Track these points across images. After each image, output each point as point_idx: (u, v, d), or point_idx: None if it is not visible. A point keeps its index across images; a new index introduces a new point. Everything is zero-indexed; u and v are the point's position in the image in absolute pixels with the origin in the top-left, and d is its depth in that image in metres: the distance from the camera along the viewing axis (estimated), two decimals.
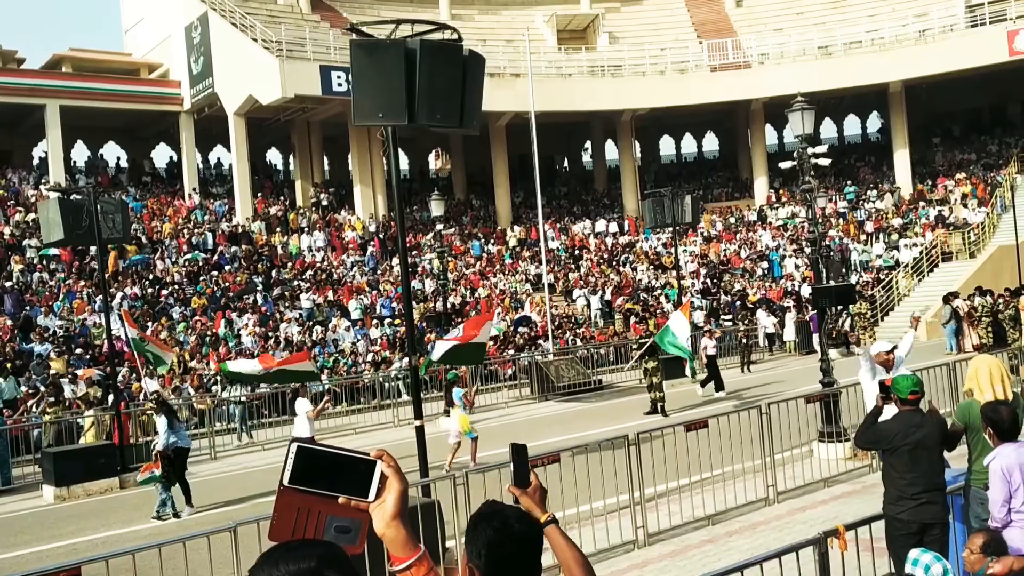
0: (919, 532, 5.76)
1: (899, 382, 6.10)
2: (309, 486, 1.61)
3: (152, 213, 32.12)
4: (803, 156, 14.74)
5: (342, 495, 1.62)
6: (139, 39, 38.94)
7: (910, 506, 5.79)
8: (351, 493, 1.63)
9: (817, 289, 14.30)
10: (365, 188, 35.61)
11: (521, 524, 2.31)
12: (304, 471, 1.61)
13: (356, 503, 1.63)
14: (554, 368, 23.03)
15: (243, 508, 11.95)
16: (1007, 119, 42.53)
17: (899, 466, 5.91)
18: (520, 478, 2.43)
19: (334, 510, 1.62)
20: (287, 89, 31.02)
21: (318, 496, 1.61)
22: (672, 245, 30.00)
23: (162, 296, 26.20)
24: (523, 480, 2.43)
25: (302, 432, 13.66)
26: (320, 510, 1.61)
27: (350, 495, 1.63)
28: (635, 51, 39.59)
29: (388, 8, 41.05)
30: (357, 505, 1.64)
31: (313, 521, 1.61)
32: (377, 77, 7.40)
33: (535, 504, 2.41)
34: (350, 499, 1.63)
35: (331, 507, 1.62)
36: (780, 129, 48.61)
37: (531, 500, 2.41)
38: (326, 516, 1.62)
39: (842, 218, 37.68)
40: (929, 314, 28.87)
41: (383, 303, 28.60)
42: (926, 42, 36.80)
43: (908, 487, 5.79)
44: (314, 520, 1.61)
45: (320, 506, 1.61)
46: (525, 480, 2.43)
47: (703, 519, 9.31)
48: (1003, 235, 31.69)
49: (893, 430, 6.04)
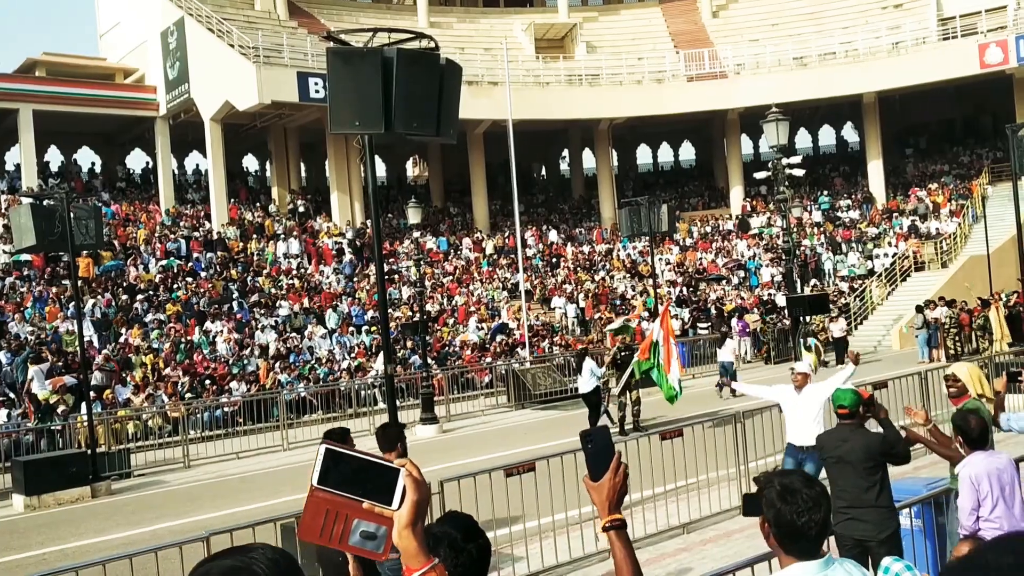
0: (855, 548, 5.70)
1: (835, 396, 6.20)
2: (337, 488, 1.62)
3: (126, 219, 31.87)
4: (778, 166, 14.88)
5: (366, 500, 1.64)
6: (115, 44, 38.66)
7: (840, 520, 5.77)
8: (376, 499, 1.64)
9: (791, 298, 14.40)
10: (342, 195, 35.50)
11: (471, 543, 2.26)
12: (332, 473, 1.63)
13: (380, 510, 1.65)
14: (531, 376, 23.03)
15: (216, 517, 11.84)
16: (979, 130, 43.10)
17: (830, 479, 5.99)
18: (593, 470, 2.20)
19: (361, 515, 1.63)
20: (264, 95, 30.89)
21: (345, 499, 1.63)
22: (649, 253, 30.14)
23: (136, 303, 25.97)
24: (594, 473, 2.20)
25: (586, 387, 16.63)
26: (348, 513, 1.63)
27: (375, 501, 1.64)
28: (612, 60, 39.80)
29: (366, 15, 41.05)
30: (382, 512, 1.65)
31: (340, 524, 1.63)
32: (354, 85, 7.40)
33: (604, 502, 2.21)
34: (374, 505, 1.64)
35: (358, 511, 1.63)
36: (756, 139, 48.97)
37: (601, 496, 2.22)
38: (353, 520, 1.63)
39: (817, 227, 38.04)
40: (903, 323, 29.21)
41: (355, 311, 28.49)
42: (899, 54, 37.27)
43: (836, 500, 5.79)
44: (341, 523, 1.63)
45: (347, 510, 1.63)
46: (596, 473, 2.20)
47: (678, 527, 9.34)
48: (974, 245, 32.10)
49: (823, 443, 6.17)
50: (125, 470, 16.48)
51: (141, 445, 18.56)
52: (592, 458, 2.21)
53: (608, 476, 2.19)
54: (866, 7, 41.19)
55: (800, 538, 2.53)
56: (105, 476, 15.22)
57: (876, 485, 5.84)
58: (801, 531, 2.52)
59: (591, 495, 2.22)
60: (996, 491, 5.35)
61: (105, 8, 39.76)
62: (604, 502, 2.21)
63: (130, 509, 13.61)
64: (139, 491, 15.26)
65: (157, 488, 15.49)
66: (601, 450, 2.21)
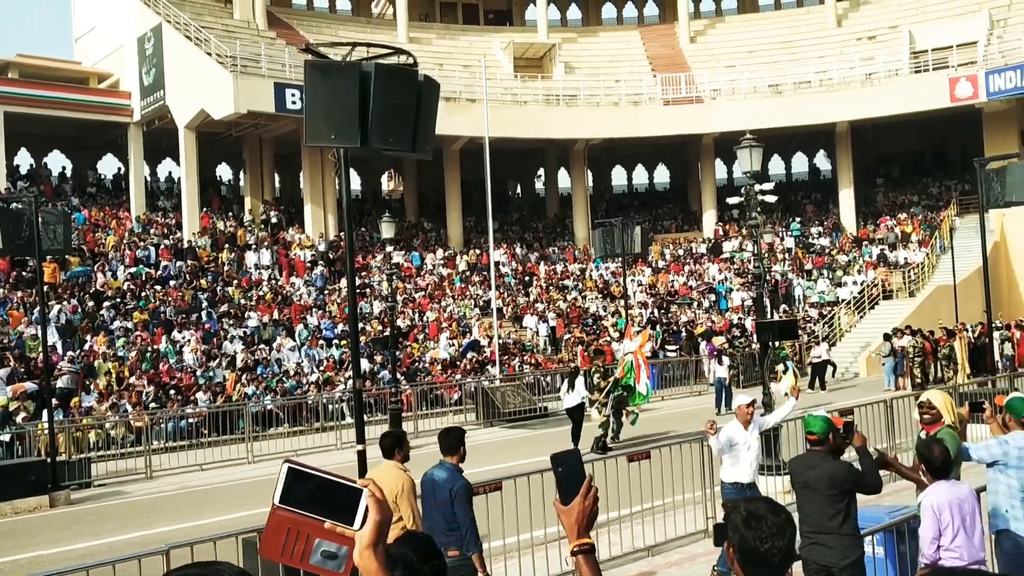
0: (820, 573, 5.74)
1: (806, 422, 6.25)
2: (298, 507, 1.62)
3: (96, 225, 31.52)
4: (750, 192, 15.01)
5: (328, 520, 1.63)
6: (90, 48, 38.36)
7: (804, 544, 5.85)
8: (338, 519, 1.64)
9: (760, 323, 14.50)
10: (316, 207, 35.35)
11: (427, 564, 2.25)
12: (294, 492, 1.62)
13: (342, 530, 1.64)
14: (500, 394, 22.99)
15: (178, 530, 11.68)
16: (948, 163, 43.79)
17: (797, 504, 6.06)
18: (563, 493, 2.17)
19: (323, 534, 1.63)
20: (240, 105, 30.76)
21: (307, 518, 1.62)
22: (621, 274, 30.25)
23: (103, 310, 25.65)
24: (565, 496, 2.17)
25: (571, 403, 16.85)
26: (309, 532, 1.62)
27: (336, 521, 1.63)
28: (590, 81, 40.08)
29: (345, 28, 41.06)
30: (343, 532, 1.64)
31: (302, 543, 1.62)
32: (330, 99, 7.38)
33: (573, 525, 2.18)
34: (336, 525, 1.63)
35: (320, 531, 1.63)
36: (730, 163, 49.42)
37: (570, 520, 2.18)
38: (315, 539, 1.63)
39: (788, 253, 38.40)
40: (870, 350, 29.52)
41: (325, 324, 28.32)
42: (872, 85, 37.85)
43: (802, 525, 5.85)
44: (302, 542, 1.62)
45: (309, 529, 1.62)
46: (566, 496, 2.17)
47: (643, 550, 9.34)
48: (941, 275, 32.54)
49: (792, 467, 6.24)
50: (85, 480, 16.25)
51: (103, 454, 18.28)
52: (562, 482, 2.19)
53: (578, 500, 2.17)
54: (841, 38, 41.85)
55: (763, 564, 2.54)
56: (65, 485, 14.98)
57: (840, 513, 5.86)
58: (764, 557, 2.53)
59: (560, 518, 2.19)
60: (957, 521, 5.39)
61: (81, 12, 39.48)
62: (573, 526, 2.18)
63: (89, 520, 13.39)
64: (99, 501, 15.03)
65: (118, 499, 15.26)
66: (572, 474, 2.19)
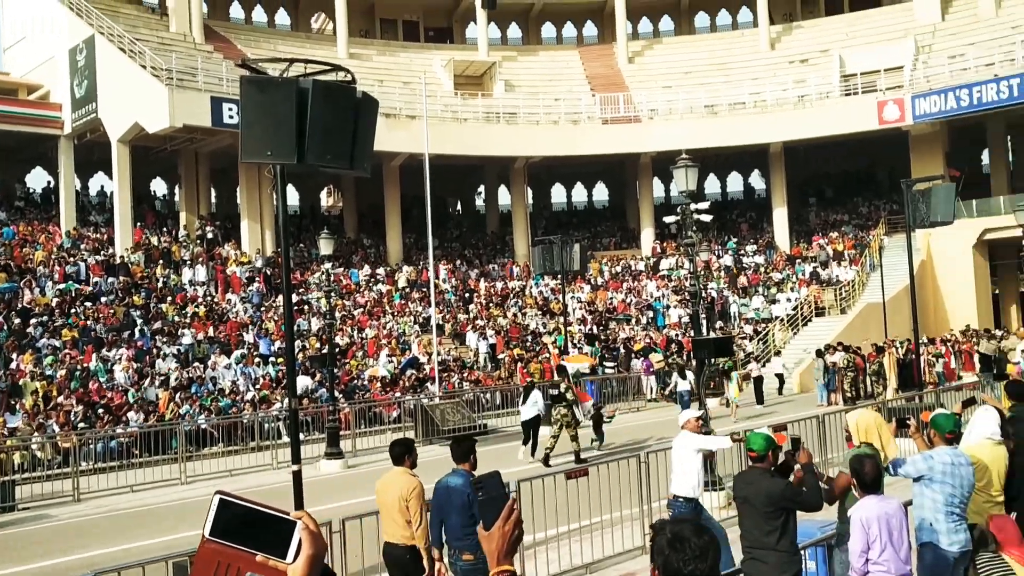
0: None
1: (748, 439, 6.37)
2: (229, 540, 1.57)
3: (24, 240, 30.66)
4: (686, 211, 15.24)
5: (260, 553, 1.59)
6: (19, 59, 37.41)
7: (744, 559, 5.98)
8: (270, 552, 1.60)
9: (697, 341, 14.71)
10: (253, 223, 34.89)
11: None
12: (225, 524, 1.58)
13: (275, 563, 1.59)
14: (439, 411, 22.88)
15: (106, 554, 11.36)
16: (877, 183, 45.03)
17: (738, 519, 6.16)
18: (485, 518, 2.08)
19: (254, 568, 1.59)
20: (175, 119, 30.26)
21: (238, 551, 1.58)
22: (561, 291, 30.44)
23: (30, 327, 24.92)
24: (487, 521, 2.09)
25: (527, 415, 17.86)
26: (240, 566, 1.58)
27: (269, 554, 1.59)
28: (530, 100, 40.37)
29: (285, 42, 40.72)
30: (275, 565, 1.60)
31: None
32: (267, 115, 7.31)
33: (493, 552, 2.08)
34: (268, 558, 1.59)
35: (251, 564, 1.59)
36: (667, 182, 50.06)
37: (490, 546, 2.09)
38: (245, 572, 1.58)
39: (725, 271, 39.04)
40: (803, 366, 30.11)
41: (264, 342, 27.92)
42: (804, 107, 38.81)
43: (742, 540, 5.97)
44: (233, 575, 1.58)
45: (240, 562, 1.58)
46: (488, 521, 2.09)
47: (580, 567, 9.35)
48: (871, 293, 33.40)
49: (735, 483, 6.35)
50: (9, 503, 15.74)
51: (28, 477, 17.70)
52: (483, 505, 2.12)
53: (498, 525, 2.09)
54: (774, 61, 42.85)
55: None
56: None
57: (777, 530, 5.92)
58: None
59: (483, 544, 2.12)
60: (885, 535, 5.52)
61: (10, 22, 38.50)
62: (493, 552, 2.09)
63: (13, 545, 12.95)
64: (23, 525, 14.54)
65: (43, 523, 14.78)
66: (493, 497, 2.13)
